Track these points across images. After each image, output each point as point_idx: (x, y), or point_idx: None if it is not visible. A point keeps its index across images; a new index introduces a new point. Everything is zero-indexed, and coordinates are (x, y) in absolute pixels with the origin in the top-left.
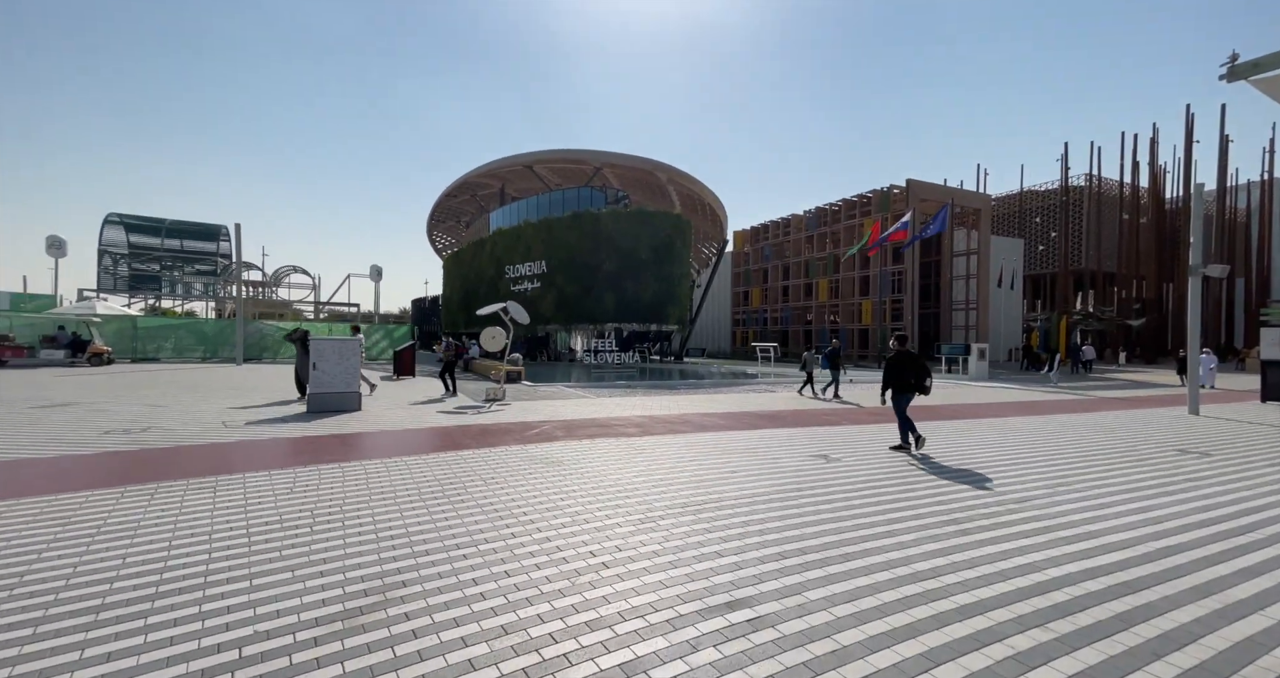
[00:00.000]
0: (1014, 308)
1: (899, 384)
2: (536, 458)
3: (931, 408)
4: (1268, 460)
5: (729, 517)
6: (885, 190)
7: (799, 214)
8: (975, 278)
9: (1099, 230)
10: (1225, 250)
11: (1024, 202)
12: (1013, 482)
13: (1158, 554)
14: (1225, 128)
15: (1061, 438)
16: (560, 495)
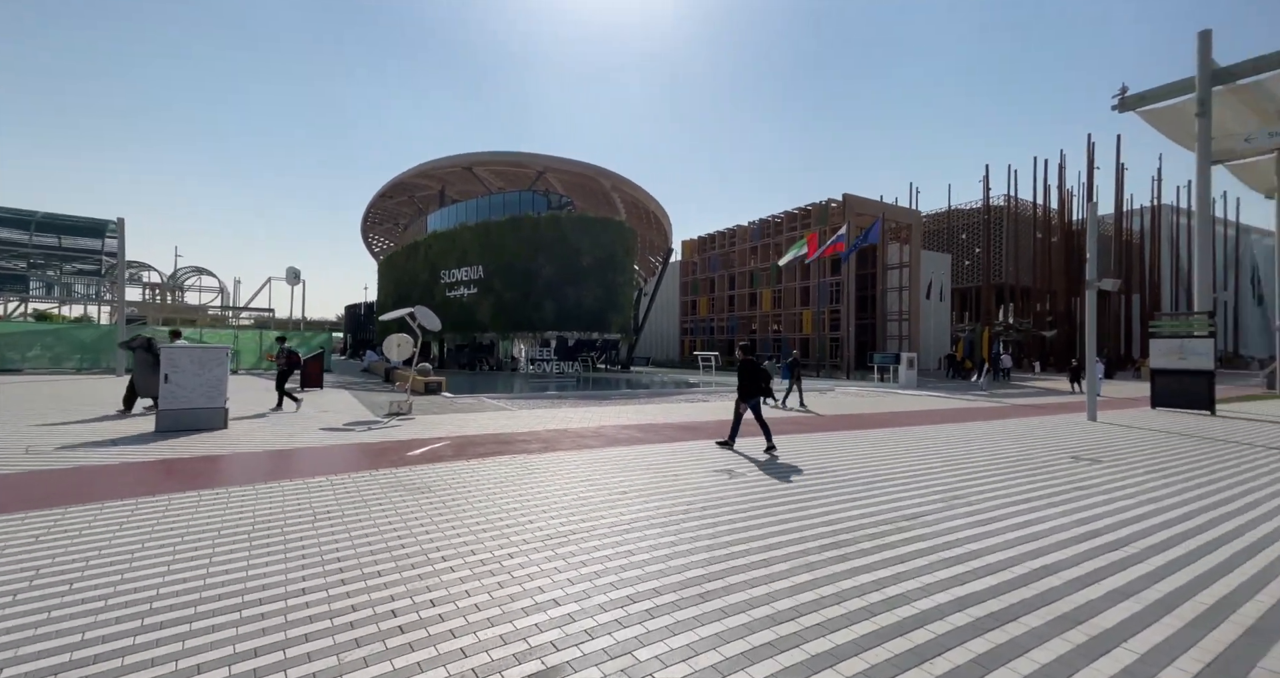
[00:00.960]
0: (943, 319)
1: (750, 390)
2: (403, 484)
3: (859, 416)
4: (1148, 467)
5: (591, 551)
6: (824, 204)
7: (744, 225)
8: (908, 290)
9: (1016, 248)
10: (1123, 269)
11: (951, 219)
12: (912, 495)
13: (1034, 576)
14: (1121, 156)
15: (970, 446)
16: (403, 534)
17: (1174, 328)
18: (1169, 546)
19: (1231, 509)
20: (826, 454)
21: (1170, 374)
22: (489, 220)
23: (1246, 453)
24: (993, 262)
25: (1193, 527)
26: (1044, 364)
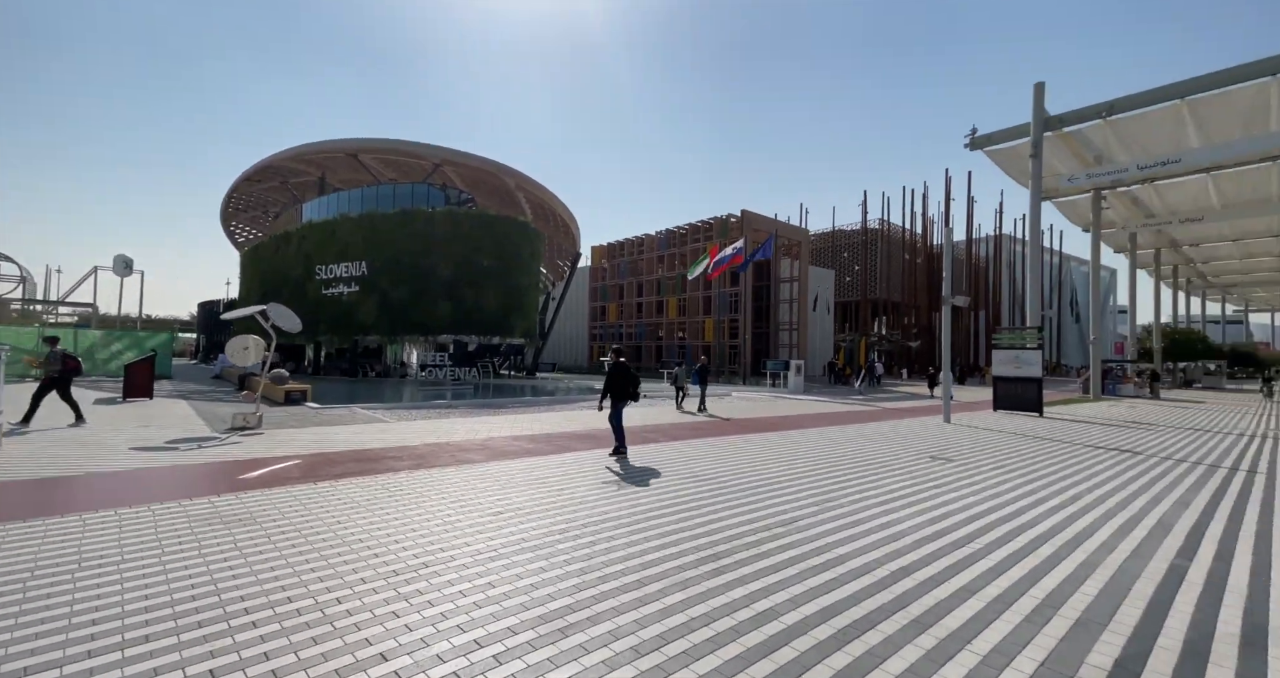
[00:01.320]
0: (827, 329)
1: (618, 393)
2: (221, 516)
3: (751, 420)
4: (991, 465)
5: (444, 587)
6: (724, 218)
7: (651, 234)
8: (797, 302)
9: (889, 267)
10: (972, 288)
11: (835, 239)
12: (792, 500)
13: (892, 579)
14: (971, 191)
15: (846, 448)
16: (201, 582)
17: (1010, 340)
18: (1007, 540)
19: (1058, 503)
20: (718, 459)
21: (1008, 381)
22: (376, 212)
23: (1069, 450)
24: (869, 279)
25: (1027, 521)
26: (910, 371)
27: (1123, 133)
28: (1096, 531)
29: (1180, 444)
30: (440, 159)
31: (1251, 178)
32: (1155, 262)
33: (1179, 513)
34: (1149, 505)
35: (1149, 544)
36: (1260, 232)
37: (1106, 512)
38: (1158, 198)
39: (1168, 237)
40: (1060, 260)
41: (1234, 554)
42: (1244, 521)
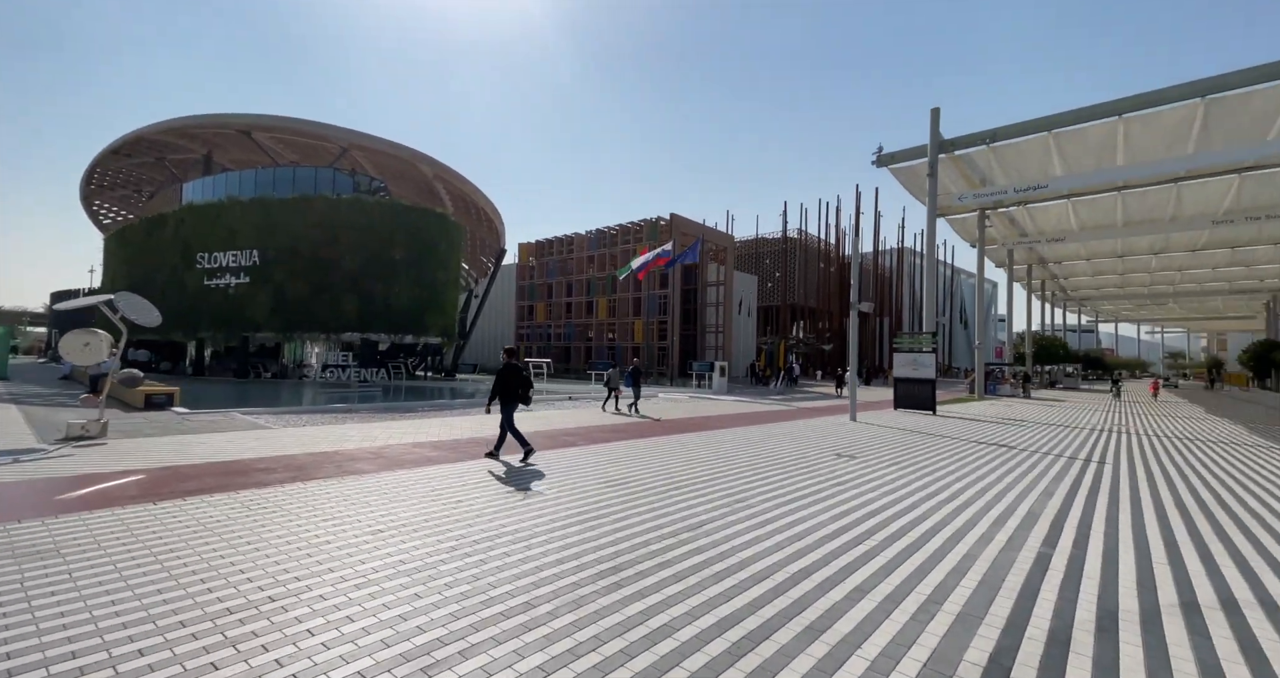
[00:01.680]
0: (750, 332)
1: (507, 395)
2: (16, 548)
3: (674, 421)
4: (889, 461)
5: (288, 626)
6: (654, 221)
7: (582, 234)
8: (723, 306)
9: (806, 274)
10: (877, 296)
11: (759, 246)
12: (703, 502)
13: (791, 582)
14: (879, 205)
15: (760, 447)
16: None
17: (909, 344)
18: (901, 535)
19: (946, 496)
20: (636, 462)
21: (907, 381)
22: (270, 196)
23: (956, 446)
24: (789, 285)
25: (918, 515)
26: (824, 372)
27: (1003, 159)
28: (977, 522)
29: (1046, 439)
30: (348, 143)
31: (1102, 205)
32: (1028, 276)
33: (1044, 503)
34: (1020, 497)
35: (1020, 534)
36: (1107, 253)
37: (985, 504)
38: (1030, 220)
39: (1037, 254)
40: (952, 273)
41: (1089, 540)
42: (1096, 508)
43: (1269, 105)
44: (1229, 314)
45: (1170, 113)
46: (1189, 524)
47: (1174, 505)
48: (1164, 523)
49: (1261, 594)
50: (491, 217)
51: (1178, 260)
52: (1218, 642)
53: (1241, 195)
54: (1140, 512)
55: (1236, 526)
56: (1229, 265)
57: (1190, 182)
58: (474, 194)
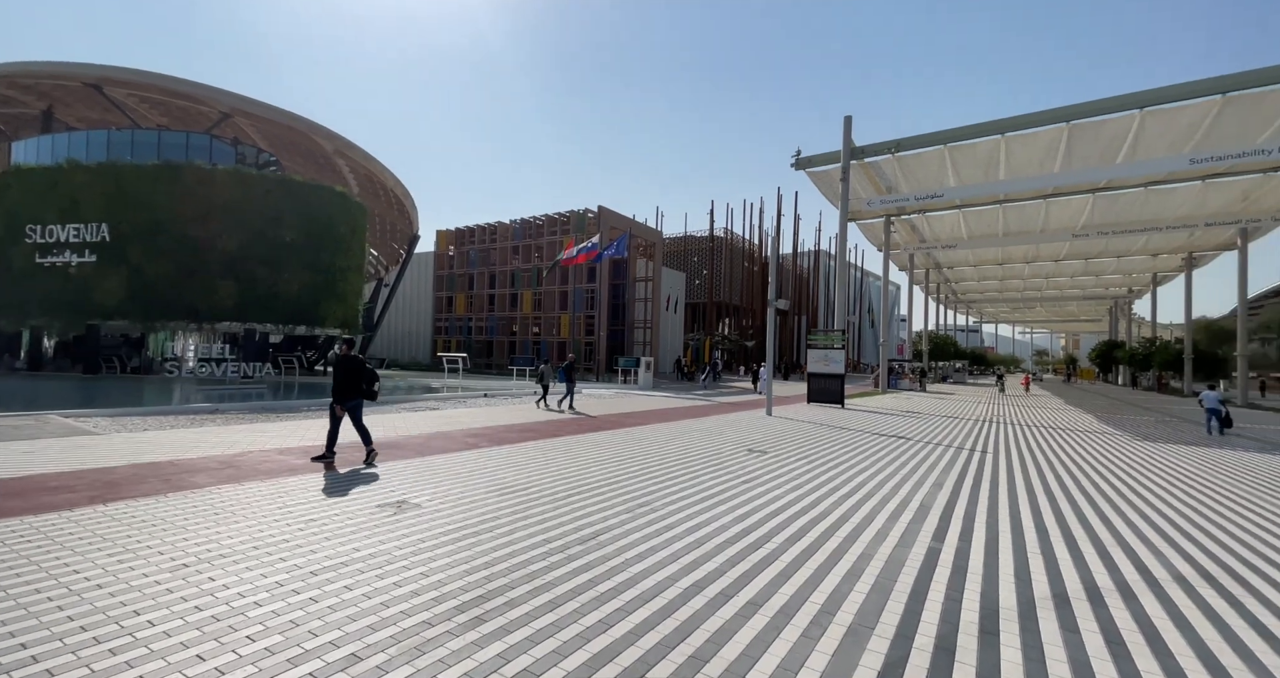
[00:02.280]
0: (678, 328)
1: (349, 390)
2: None
3: (595, 419)
4: (798, 456)
5: None
6: (582, 212)
7: (505, 222)
8: (651, 301)
9: (731, 273)
10: (795, 295)
11: (687, 243)
12: (602, 509)
13: (682, 598)
14: (798, 208)
15: (675, 444)
16: None
17: (822, 341)
18: (800, 536)
19: (846, 491)
20: (539, 464)
21: (820, 377)
22: (124, 162)
23: (860, 438)
24: (715, 283)
25: (819, 512)
26: (747, 368)
27: (906, 168)
28: (874, 517)
29: (939, 430)
30: (230, 107)
31: (987, 216)
32: (925, 280)
33: (935, 495)
34: (914, 489)
35: (913, 528)
36: (990, 260)
37: (883, 498)
38: (928, 227)
39: (934, 260)
40: (862, 275)
41: (973, 532)
42: (979, 498)
43: (1118, 133)
44: (1082, 317)
45: (1043, 134)
46: (1055, 511)
47: (1043, 493)
48: (1035, 511)
49: (1118, 579)
50: (401, 198)
51: (1045, 269)
52: (1086, 637)
53: (1095, 213)
54: (1016, 501)
55: (1093, 509)
56: (1083, 274)
57: (1056, 198)
58: (381, 173)
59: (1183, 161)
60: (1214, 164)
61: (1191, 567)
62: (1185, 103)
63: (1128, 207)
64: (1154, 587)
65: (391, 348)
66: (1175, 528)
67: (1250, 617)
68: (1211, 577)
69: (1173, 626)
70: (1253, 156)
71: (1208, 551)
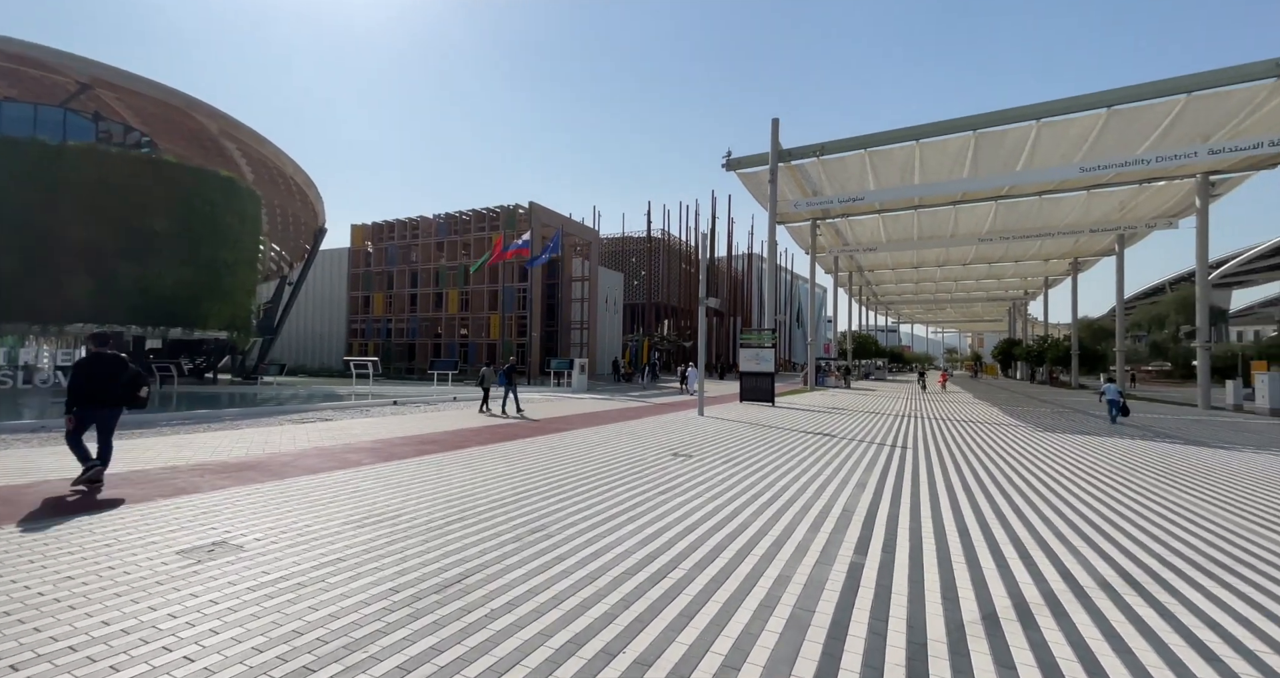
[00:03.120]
0: (617, 329)
1: (96, 397)
2: None
3: (516, 425)
4: (723, 457)
5: None
6: (512, 208)
7: (429, 217)
8: (588, 301)
9: (669, 274)
10: (731, 297)
11: (625, 244)
12: (487, 537)
13: (558, 657)
14: (732, 211)
15: (600, 450)
16: None
17: (753, 340)
18: (714, 557)
19: (768, 498)
20: (430, 481)
21: (752, 375)
22: None
23: (786, 437)
24: (654, 284)
25: (738, 525)
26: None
27: (830, 171)
28: (795, 528)
29: (862, 426)
30: (90, 77)
31: (904, 221)
32: (849, 282)
33: (858, 498)
34: (837, 491)
35: (834, 540)
36: (906, 263)
37: (805, 503)
38: (850, 231)
39: (856, 263)
40: (792, 278)
41: (896, 541)
42: (901, 500)
43: (1018, 142)
44: (985, 318)
45: (953, 142)
46: (975, 512)
47: (962, 492)
48: (956, 513)
49: (1045, 589)
50: (304, 187)
51: (954, 273)
52: (1023, 672)
53: (997, 219)
54: (937, 502)
55: (1011, 508)
56: (986, 278)
57: (964, 205)
58: (276, 158)
59: (1073, 170)
60: (1100, 173)
61: (1114, 570)
62: (1075, 115)
63: (1025, 214)
64: (1081, 597)
65: (301, 352)
66: (1091, 526)
67: (1183, 629)
68: (1136, 582)
69: (1109, 648)
70: (1134, 166)
71: (1126, 551)
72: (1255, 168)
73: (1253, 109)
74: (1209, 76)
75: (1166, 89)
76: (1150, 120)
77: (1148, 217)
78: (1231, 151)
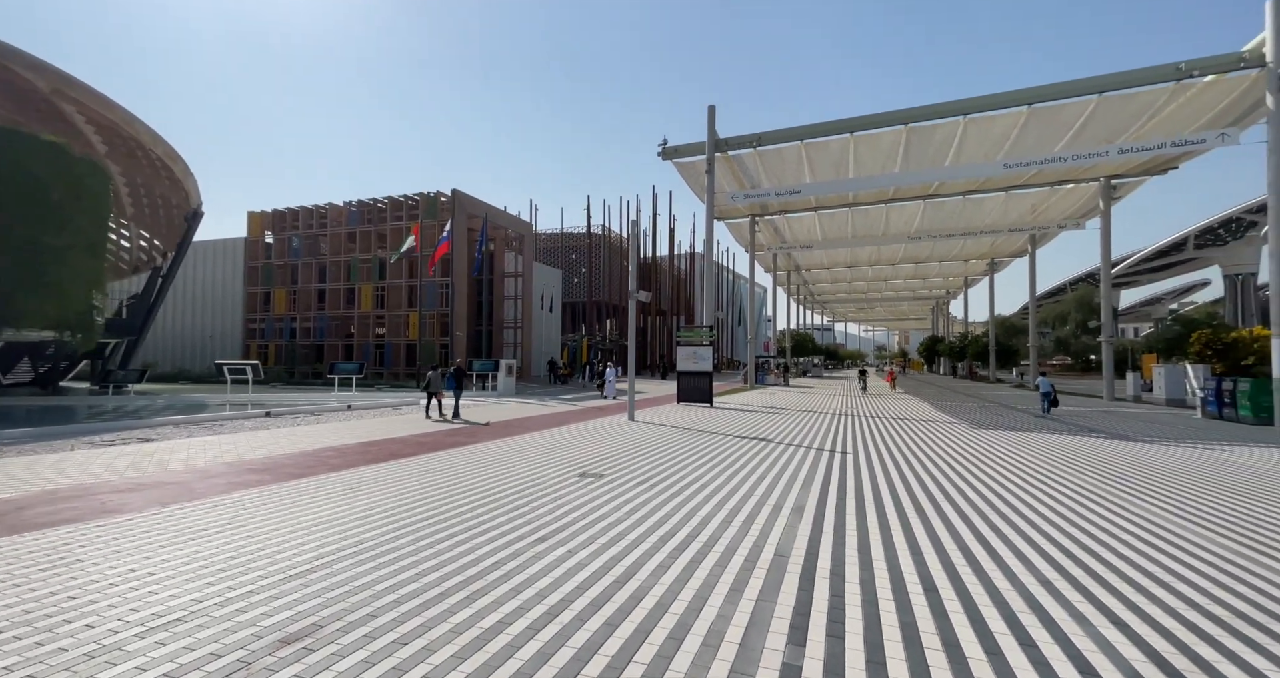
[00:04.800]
0: (555, 329)
1: None
2: None
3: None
4: (641, 476)
5: None
6: (433, 195)
7: (339, 205)
8: (522, 299)
9: (610, 271)
10: (674, 296)
11: (564, 240)
12: (301, 602)
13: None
14: (673, 208)
15: (484, 474)
16: None
17: (691, 338)
18: (586, 657)
19: (688, 532)
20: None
21: (689, 375)
22: None
23: (721, 445)
24: (594, 281)
25: (647, 577)
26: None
27: (767, 164)
28: (709, 597)
29: (800, 427)
30: None
31: (838, 219)
32: (788, 281)
33: (795, 531)
34: (770, 521)
35: (761, 615)
36: (841, 263)
37: (728, 545)
38: (788, 228)
39: (794, 261)
40: (733, 278)
41: (845, 619)
42: (846, 534)
43: (946, 138)
44: (911, 316)
45: (886, 136)
46: (938, 549)
47: (916, 516)
48: (916, 555)
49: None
50: (167, 161)
51: (884, 272)
52: None
53: (925, 219)
54: (890, 538)
55: (977, 540)
56: (913, 277)
57: (895, 203)
58: (129, 125)
59: (997, 167)
60: (1022, 170)
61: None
62: (999, 112)
63: (950, 214)
64: None
65: (188, 356)
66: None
67: None
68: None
69: None
70: (1052, 164)
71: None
72: (1150, 173)
73: (1153, 113)
74: (1118, 78)
75: (1081, 89)
76: (1065, 121)
77: (1058, 218)
78: (1137, 152)
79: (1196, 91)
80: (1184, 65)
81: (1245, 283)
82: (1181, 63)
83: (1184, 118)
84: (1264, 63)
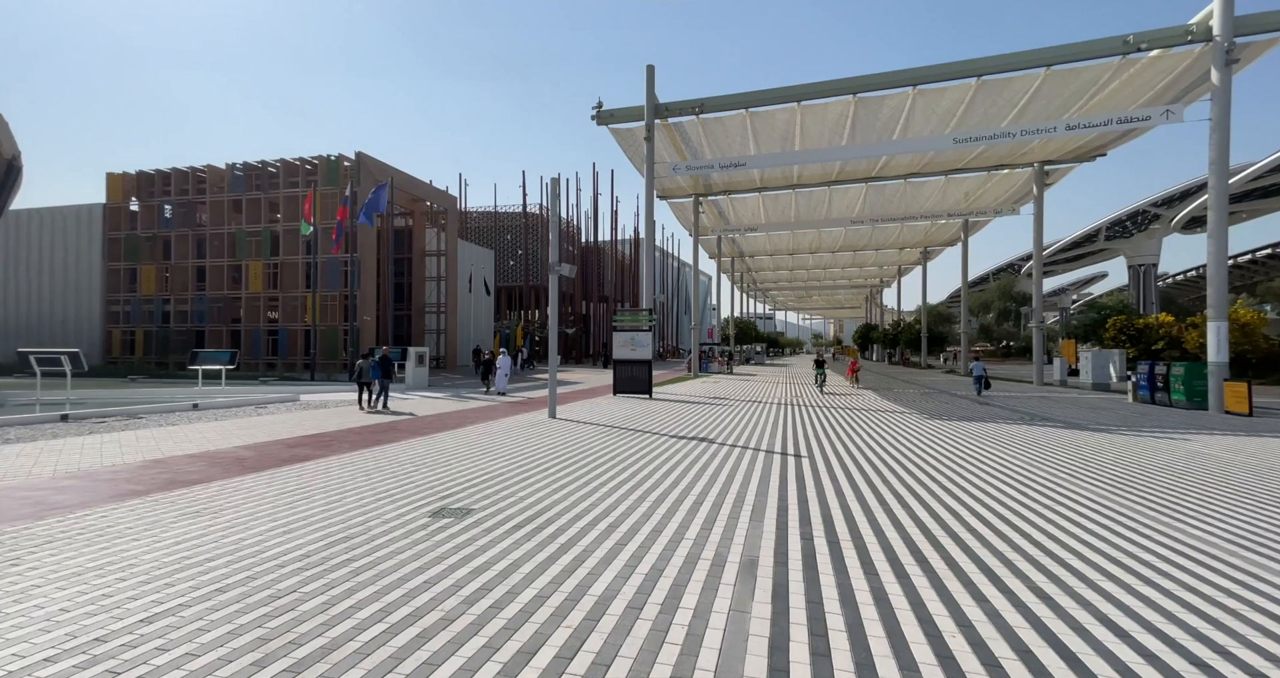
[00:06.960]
0: (486, 314)
1: None
2: None
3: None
4: (526, 508)
5: None
6: (334, 159)
7: (220, 168)
8: (446, 281)
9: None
10: (617, 282)
11: (498, 219)
12: None
13: None
14: (615, 189)
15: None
16: None
17: (628, 322)
18: None
19: (547, 664)
20: None
21: (626, 363)
22: None
23: (653, 448)
24: (532, 264)
25: None
26: (565, 358)
27: (710, 133)
28: None
29: (744, 421)
30: None
31: (782, 201)
32: (731, 268)
33: (744, 610)
34: (709, 589)
35: None
36: (783, 249)
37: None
38: (733, 211)
39: (738, 248)
40: (678, 265)
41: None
42: (830, 634)
43: (895, 110)
44: (847, 305)
45: (833, 107)
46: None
47: (909, 555)
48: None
49: None
50: None
51: (824, 260)
52: None
53: (866, 203)
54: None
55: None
56: (851, 266)
57: (839, 186)
58: None
59: (946, 141)
60: (971, 145)
61: None
62: (948, 84)
63: (891, 198)
64: None
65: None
66: None
67: None
68: None
69: None
70: (1001, 139)
71: None
72: (1081, 159)
73: (1098, 89)
74: (1067, 50)
75: (1030, 60)
76: (1010, 98)
77: (993, 204)
78: (1085, 128)
79: (1139, 68)
80: (1132, 38)
81: (1146, 273)
82: (1129, 35)
83: (1126, 95)
84: (1211, 36)
